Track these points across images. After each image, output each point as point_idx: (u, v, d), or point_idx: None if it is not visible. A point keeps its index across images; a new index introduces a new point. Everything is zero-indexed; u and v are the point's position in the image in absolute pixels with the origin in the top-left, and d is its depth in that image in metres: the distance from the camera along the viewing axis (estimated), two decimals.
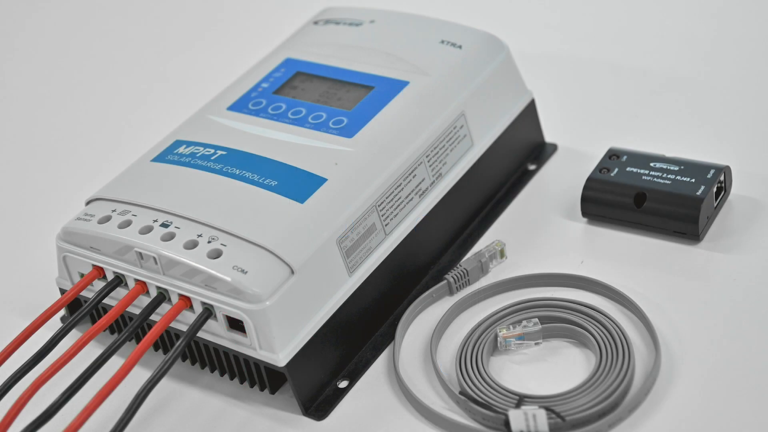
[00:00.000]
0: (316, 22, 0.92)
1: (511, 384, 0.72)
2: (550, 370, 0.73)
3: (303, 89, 0.84)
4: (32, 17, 1.23)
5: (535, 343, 0.74)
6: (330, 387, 0.75)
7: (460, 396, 0.71)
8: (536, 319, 0.74)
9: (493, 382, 0.71)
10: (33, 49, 1.18)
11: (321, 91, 0.84)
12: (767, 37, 1.01)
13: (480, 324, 0.76)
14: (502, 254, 0.81)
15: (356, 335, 0.77)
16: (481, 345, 0.74)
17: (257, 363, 0.73)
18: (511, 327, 0.74)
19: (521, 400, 0.70)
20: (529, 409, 0.68)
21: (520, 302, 0.76)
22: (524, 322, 0.74)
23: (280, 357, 0.71)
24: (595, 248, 0.82)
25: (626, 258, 0.81)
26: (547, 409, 0.68)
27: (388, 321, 0.79)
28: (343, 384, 0.75)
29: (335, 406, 0.74)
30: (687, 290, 0.77)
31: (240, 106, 0.84)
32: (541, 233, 0.84)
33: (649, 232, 0.82)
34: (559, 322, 0.75)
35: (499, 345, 0.74)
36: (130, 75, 1.11)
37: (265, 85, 0.85)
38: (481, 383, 0.72)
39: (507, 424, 0.68)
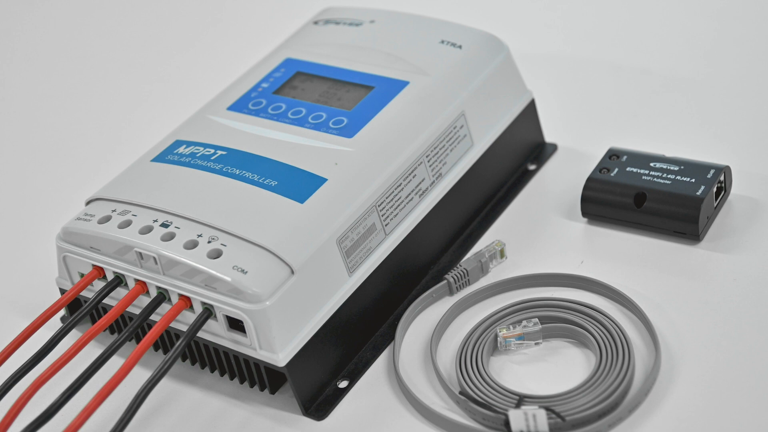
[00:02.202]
0: (316, 22, 0.92)
1: (511, 384, 0.72)
2: (550, 370, 0.73)
3: (303, 89, 0.84)
4: (32, 17, 1.23)
5: (535, 343, 0.74)
6: (330, 387, 0.75)
7: (460, 396, 0.71)
8: (536, 319, 0.74)
9: (493, 382, 0.71)
10: (33, 49, 1.18)
11: (321, 91, 0.84)
12: (767, 37, 1.01)
13: (480, 324, 0.76)
14: (502, 254, 0.81)
15: (356, 335, 0.77)
16: (481, 345, 0.74)
17: (257, 363, 0.73)
18: (511, 327, 0.74)
19: (521, 400, 0.70)
20: (529, 409, 0.68)
21: (520, 302, 0.76)
22: (524, 322, 0.74)
23: (280, 357, 0.71)
24: (595, 248, 0.82)
25: (626, 258, 0.80)
26: (547, 409, 0.68)
27: (388, 321, 0.79)
28: (343, 384, 0.75)
29: (335, 406, 0.74)
30: (687, 290, 0.77)
31: (240, 106, 0.84)
32: (541, 233, 0.84)
33: (649, 232, 0.82)
34: (559, 322, 0.75)
35: (499, 345, 0.74)
36: (130, 75, 1.11)
37: (265, 85, 0.85)
38: (481, 383, 0.71)
39: (507, 424, 0.68)
